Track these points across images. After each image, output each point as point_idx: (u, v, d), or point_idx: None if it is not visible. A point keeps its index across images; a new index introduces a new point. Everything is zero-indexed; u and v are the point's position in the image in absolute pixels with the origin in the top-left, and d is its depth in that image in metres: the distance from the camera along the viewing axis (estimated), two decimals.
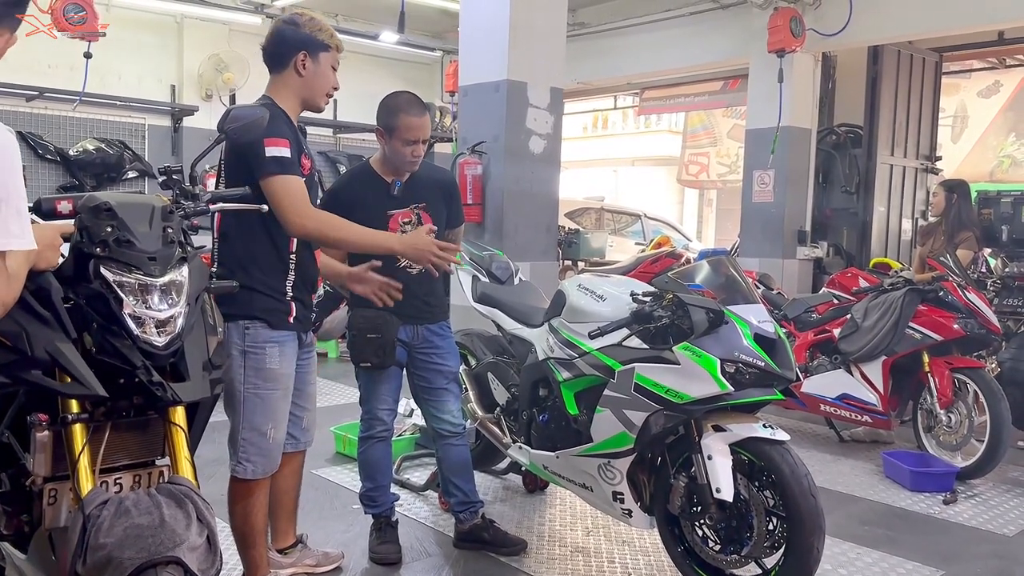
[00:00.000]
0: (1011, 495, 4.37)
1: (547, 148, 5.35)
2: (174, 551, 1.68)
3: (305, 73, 2.65)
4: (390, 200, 3.21)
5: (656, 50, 8.64)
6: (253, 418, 2.59)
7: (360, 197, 3.18)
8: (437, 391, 3.38)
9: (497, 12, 5.06)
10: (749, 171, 7.88)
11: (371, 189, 3.21)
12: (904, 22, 7.02)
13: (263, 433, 2.60)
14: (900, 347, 4.67)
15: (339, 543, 3.39)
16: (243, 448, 2.61)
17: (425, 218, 3.24)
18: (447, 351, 3.40)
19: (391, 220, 3.19)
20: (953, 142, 12.19)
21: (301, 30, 2.65)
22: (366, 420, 3.36)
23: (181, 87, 8.98)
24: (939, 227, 5.64)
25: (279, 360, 2.58)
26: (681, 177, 16.65)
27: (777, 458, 2.74)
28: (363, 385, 3.35)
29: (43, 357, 1.75)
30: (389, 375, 3.29)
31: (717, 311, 2.80)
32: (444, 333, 3.40)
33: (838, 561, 3.42)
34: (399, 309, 3.17)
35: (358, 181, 3.28)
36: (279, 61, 2.67)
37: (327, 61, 2.68)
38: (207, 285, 2.01)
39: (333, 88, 2.74)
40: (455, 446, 3.43)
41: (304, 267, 2.69)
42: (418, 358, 3.35)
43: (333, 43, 2.69)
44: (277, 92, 2.68)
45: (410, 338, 3.29)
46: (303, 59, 2.64)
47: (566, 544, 3.52)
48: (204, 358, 1.91)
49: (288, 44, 2.65)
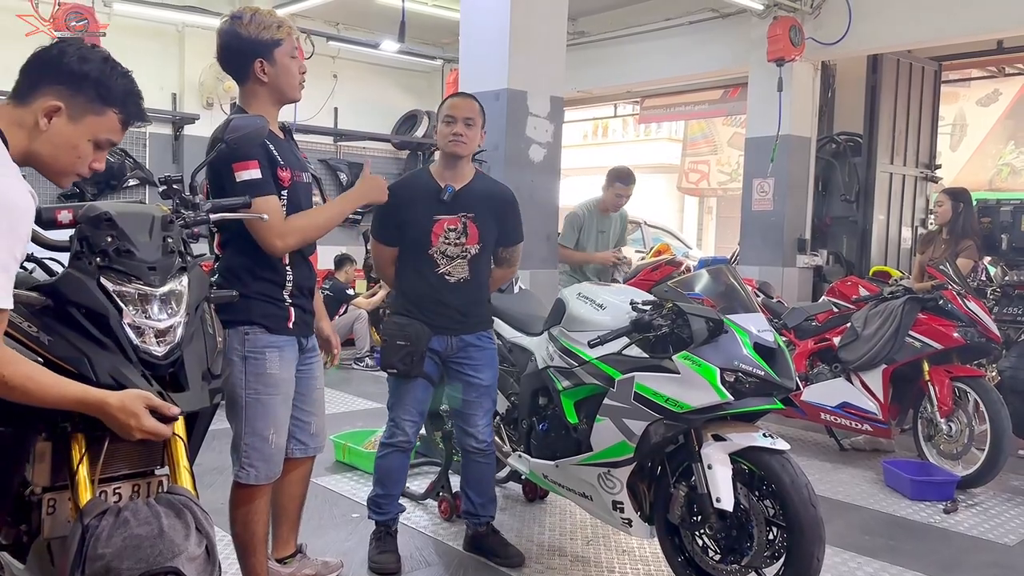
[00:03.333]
0: (1012, 504, 4.36)
1: (547, 157, 5.35)
2: (172, 561, 1.67)
3: (268, 78, 2.58)
4: (439, 205, 3.18)
5: (656, 59, 8.67)
6: (255, 423, 2.58)
7: (411, 197, 3.19)
8: (466, 403, 3.32)
9: (497, 21, 5.07)
10: (749, 179, 7.89)
11: (423, 191, 3.22)
12: (903, 31, 7.04)
13: (265, 438, 2.59)
14: (900, 356, 4.67)
15: (339, 552, 3.38)
16: (246, 453, 2.60)
17: (472, 228, 3.21)
18: (481, 363, 3.31)
19: (436, 224, 3.17)
20: (952, 150, 12.21)
21: (246, 36, 2.54)
22: (390, 428, 3.34)
23: (182, 95, 9.00)
24: (939, 235, 5.63)
25: (279, 365, 2.58)
26: (681, 185, 16.67)
27: (777, 467, 2.74)
28: (391, 392, 3.33)
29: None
30: (416, 386, 3.25)
31: (717, 320, 2.80)
32: (481, 344, 3.32)
33: (839, 571, 3.41)
34: (432, 320, 3.18)
35: (413, 182, 3.33)
36: (239, 74, 2.61)
37: (284, 55, 2.58)
38: (207, 295, 2.01)
39: (301, 75, 2.66)
40: (479, 463, 3.39)
41: (300, 274, 2.68)
42: (451, 368, 3.31)
43: (282, 33, 2.57)
44: (248, 102, 2.64)
45: (444, 348, 3.25)
46: (260, 66, 2.56)
47: (566, 554, 3.51)
48: (203, 368, 1.91)
49: (239, 55, 2.57)
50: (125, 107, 1.79)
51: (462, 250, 3.20)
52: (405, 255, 3.24)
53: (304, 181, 2.73)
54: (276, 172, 2.55)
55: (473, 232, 3.21)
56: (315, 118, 9.56)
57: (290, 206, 2.61)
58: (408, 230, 3.18)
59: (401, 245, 3.24)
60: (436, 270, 3.18)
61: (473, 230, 3.21)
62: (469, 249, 3.21)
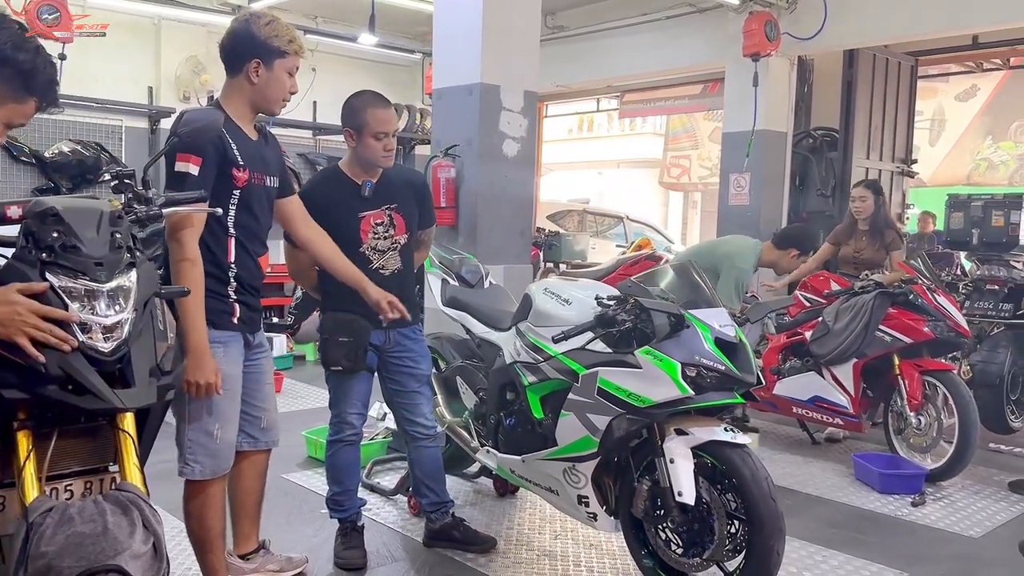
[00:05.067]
0: (979, 497, 4.40)
1: (521, 151, 5.34)
2: (115, 559, 1.66)
3: (258, 81, 2.60)
4: (361, 202, 3.20)
5: (634, 53, 8.67)
6: (199, 418, 2.57)
7: (331, 199, 3.18)
8: (410, 394, 3.39)
9: (470, 15, 5.05)
10: (725, 174, 7.91)
11: (342, 191, 3.21)
12: (878, 26, 7.07)
13: (210, 433, 2.58)
14: (870, 350, 4.69)
15: (306, 548, 3.37)
16: (190, 448, 2.59)
17: (397, 219, 3.25)
18: (419, 354, 3.40)
19: (363, 221, 3.18)
20: (931, 145, 12.30)
21: (257, 35, 2.58)
22: (335, 424, 3.36)
23: (158, 89, 8.94)
24: (857, 228, 5.65)
25: (223, 360, 2.56)
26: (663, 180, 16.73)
27: (738, 461, 2.75)
28: (333, 388, 3.35)
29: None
30: (359, 379, 3.28)
31: (678, 315, 2.81)
32: (416, 336, 3.41)
33: (804, 564, 3.43)
34: (371, 313, 3.17)
35: (328, 183, 3.27)
36: (232, 65, 2.63)
37: (282, 68, 2.62)
38: (157, 290, 2.00)
39: (290, 93, 2.69)
40: (427, 448, 3.44)
41: (246, 271, 2.66)
42: (390, 362, 3.34)
43: (291, 49, 2.61)
44: (228, 97, 2.65)
45: (382, 342, 3.29)
46: (256, 67, 2.59)
47: (533, 548, 3.52)
48: (152, 364, 1.90)
49: (241, 49, 2.59)
50: (45, 96, 1.84)
51: (392, 242, 3.24)
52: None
53: (267, 185, 2.71)
54: (231, 171, 2.53)
55: (400, 222, 3.24)
56: (294, 112, 9.50)
57: (242, 206, 2.60)
58: (334, 231, 3.11)
59: None
60: (370, 266, 3.18)
61: (399, 220, 3.24)
62: (398, 240, 3.25)
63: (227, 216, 2.60)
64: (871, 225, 5.55)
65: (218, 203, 2.53)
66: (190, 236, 2.43)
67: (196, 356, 2.42)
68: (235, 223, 2.62)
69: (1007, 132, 11.63)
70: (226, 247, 2.61)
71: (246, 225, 2.66)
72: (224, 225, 2.60)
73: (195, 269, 2.44)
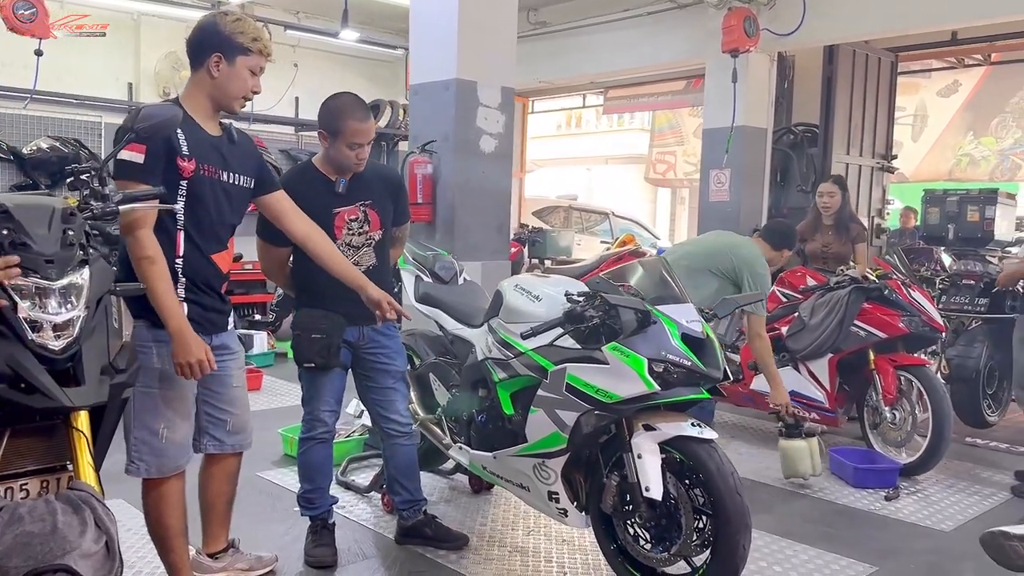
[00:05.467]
0: (953, 491, 4.42)
1: (499, 147, 5.33)
2: (63, 559, 1.65)
3: (218, 76, 2.58)
4: (336, 198, 3.19)
5: (616, 49, 8.68)
6: (143, 417, 2.55)
7: (305, 195, 3.13)
8: (385, 391, 3.37)
9: (446, 10, 5.04)
10: (706, 170, 7.93)
11: (316, 187, 3.19)
12: (857, 22, 7.09)
13: (154, 432, 2.56)
14: (846, 345, 4.71)
15: (277, 546, 3.36)
16: (135, 447, 2.57)
17: (372, 215, 3.23)
18: (394, 351, 3.39)
19: (337, 218, 3.16)
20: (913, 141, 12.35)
21: (221, 30, 2.56)
22: (308, 421, 3.34)
23: (138, 85, 8.90)
24: (821, 223, 5.71)
25: (165, 360, 2.51)
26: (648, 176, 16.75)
27: (704, 456, 2.75)
28: (305, 386, 3.33)
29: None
30: (332, 376, 3.27)
31: (644, 311, 2.81)
32: (390, 333, 3.39)
33: (775, 558, 3.44)
34: (345, 309, 3.16)
35: (302, 179, 3.24)
36: (195, 59, 2.61)
37: (244, 65, 2.59)
38: (111, 288, 1.98)
39: (252, 92, 2.66)
40: (403, 446, 3.42)
41: (195, 269, 2.61)
42: (365, 358, 3.33)
43: (255, 47, 2.60)
44: (188, 91, 2.63)
45: (356, 339, 3.27)
46: (217, 61, 2.56)
47: (505, 544, 3.51)
48: (104, 362, 1.89)
49: (205, 43, 2.58)
50: None
51: (367, 238, 3.23)
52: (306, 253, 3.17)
53: (226, 180, 2.66)
54: (176, 161, 2.49)
55: (374, 218, 3.23)
56: (275, 108, 9.49)
57: (191, 198, 2.56)
58: None
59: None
60: None
61: (374, 216, 3.23)
62: (373, 236, 3.24)
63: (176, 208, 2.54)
64: (836, 220, 5.61)
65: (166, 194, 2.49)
66: (146, 232, 2.41)
67: (178, 339, 2.43)
68: (184, 217, 2.57)
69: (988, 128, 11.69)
70: (174, 242, 2.56)
71: (197, 219, 2.60)
72: (174, 218, 2.55)
73: (157, 264, 2.42)
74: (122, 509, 3.69)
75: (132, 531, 3.46)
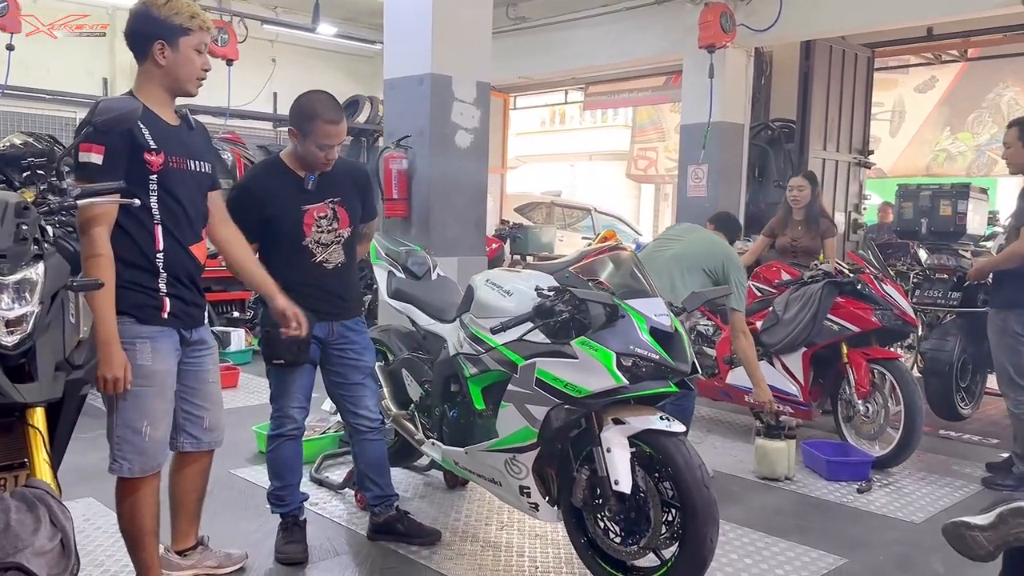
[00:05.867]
0: (924, 483, 4.46)
1: (474, 142, 5.33)
2: (15, 556, 1.63)
3: (165, 63, 2.54)
4: (304, 194, 3.16)
5: (595, 45, 8.68)
6: (127, 415, 2.52)
7: (272, 191, 3.13)
8: (353, 387, 3.35)
9: (420, 5, 5.02)
10: (684, 166, 7.95)
11: (284, 184, 3.16)
12: (834, 17, 7.13)
13: (138, 431, 2.54)
14: (819, 339, 4.73)
15: (249, 543, 3.34)
16: (118, 446, 2.55)
17: (341, 212, 3.21)
18: (363, 346, 3.37)
19: (307, 215, 3.14)
20: (891, 136, 12.42)
21: (156, 15, 2.51)
22: (277, 418, 3.32)
23: (113, 80, 8.82)
24: (792, 217, 5.75)
25: (151, 356, 2.51)
26: (630, 172, 16.75)
27: (672, 449, 2.76)
28: (274, 383, 3.31)
29: None
30: (302, 372, 3.25)
31: (613, 306, 2.81)
32: (359, 329, 3.38)
33: (746, 551, 3.46)
34: (315, 305, 3.15)
35: (270, 175, 3.22)
36: (139, 51, 2.56)
37: (189, 45, 2.55)
38: (68, 283, 1.96)
39: (203, 71, 2.62)
40: (372, 441, 3.41)
41: (177, 263, 2.60)
42: (333, 354, 3.31)
43: (194, 24, 2.55)
44: (140, 85, 2.58)
45: (325, 335, 3.26)
46: (161, 48, 2.52)
47: (478, 539, 3.51)
48: (59, 358, 1.86)
49: (143, 33, 2.53)
50: None
51: (336, 235, 3.20)
52: (274, 249, 3.15)
53: (192, 169, 2.64)
54: (142, 156, 2.47)
55: (343, 215, 3.21)
56: (253, 103, 9.44)
57: (163, 191, 2.54)
58: (276, 224, 3.10)
59: (266, 240, 3.15)
60: (314, 259, 3.16)
61: (343, 214, 3.21)
62: (342, 233, 3.22)
63: (149, 202, 2.52)
64: (806, 215, 5.65)
65: (137, 191, 2.46)
66: (100, 231, 2.38)
67: (103, 349, 2.36)
68: (159, 209, 2.55)
69: (965, 123, 11.77)
70: (153, 235, 2.54)
71: (172, 211, 2.58)
72: (149, 212, 2.53)
73: (106, 265, 2.39)
74: (92, 507, 3.67)
75: (101, 529, 3.43)
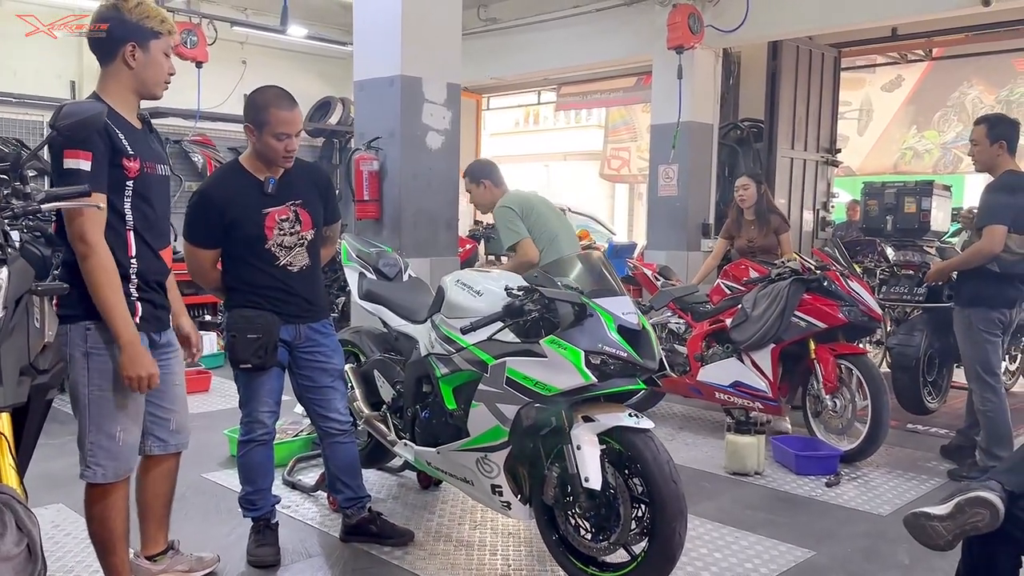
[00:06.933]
0: (891, 476, 4.53)
1: (445, 143, 5.34)
2: None
3: (135, 65, 2.54)
4: (265, 198, 3.14)
5: (566, 46, 8.72)
6: (100, 421, 2.52)
7: (232, 196, 3.11)
8: (322, 389, 3.34)
9: (389, 6, 5.03)
10: (654, 165, 8.01)
11: (244, 188, 3.13)
12: (800, 18, 7.21)
13: (111, 436, 2.53)
14: (787, 335, 4.79)
15: (220, 547, 3.34)
16: (91, 452, 2.53)
17: (303, 215, 3.19)
18: (331, 349, 3.36)
19: (268, 218, 3.12)
20: (859, 135, 12.57)
21: (128, 18, 2.51)
22: (246, 424, 3.29)
23: (81, 83, 8.71)
24: (744, 218, 5.85)
25: (116, 362, 2.51)
26: (603, 172, 16.80)
27: (640, 445, 2.79)
28: (243, 388, 3.28)
29: None
30: (270, 376, 3.23)
31: (581, 304, 2.84)
32: (327, 331, 3.37)
33: (715, 545, 3.50)
34: (281, 308, 3.15)
35: (229, 180, 3.19)
36: (106, 53, 2.56)
37: (158, 49, 2.56)
38: (31, 287, 1.95)
39: (169, 74, 2.63)
40: (342, 444, 3.40)
41: (147, 267, 2.60)
42: (302, 357, 3.30)
43: (164, 29, 2.57)
44: (106, 87, 2.58)
45: (292, 338, 3.24)
46: (132, 51, 2.52)
47: (451, 539, 3.53)
48: (24, 363, 1.86)
49: (114, 35, 2.52)
50: None
51: (299, 238, 3.19)
52: (237, 254, 3.15)
53: (160, 174, 2.66)
54: (121, 162, 2.47)
55: (305, 218, 3.19)
56: (224, 105, 9.36)
57: (137, 197, 2.54)
58: (237, 229, 3.09)
59: (228, 245, 3.15)
60: (277, 263, 3.14)
61: (305, 216, 3.19)
62: (305, 236, 3.20)
63: (124, 208, 2.53)
64: (756, 214, 5.76)
65: (113, 196, 2.47)
66: (94, 233, 2.39)
67: (129, 352, 2.42)
68: (133, 215, 2.56)
69: (931, 121, 11.94)
70: (126, 241, 2.55)
71: (145, 217, 2.59)
72: (123, 218, 2.54)
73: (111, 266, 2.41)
74: (62, 513, 3.64)
75: (71, 535, 3.41)
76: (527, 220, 4.28)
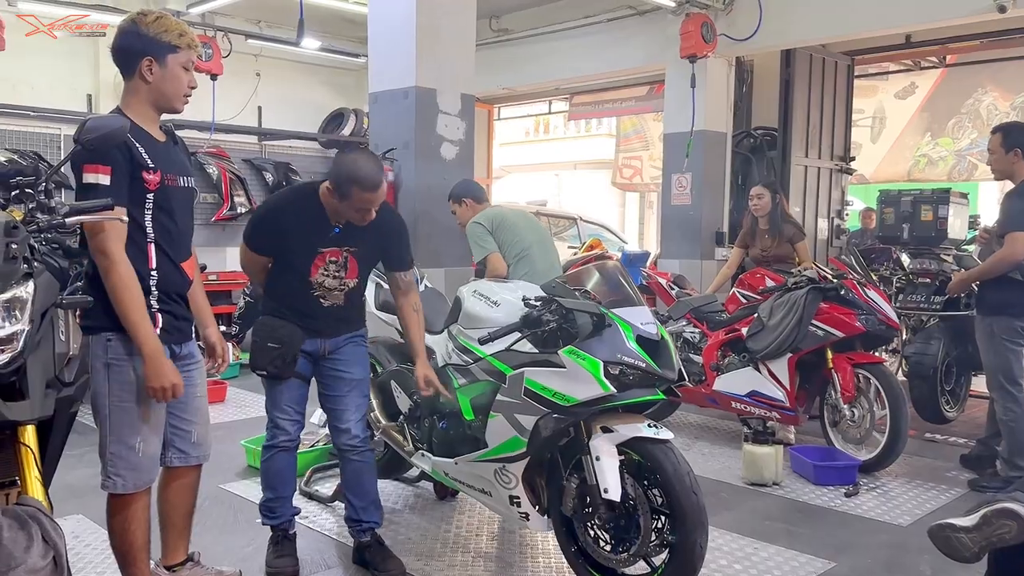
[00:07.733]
0: (911, 486, 4.50)
1: (460, 154, 5.36)
2: (8, 574, 1.63)
3: (152, 79, 2.55)
4: (326, 239, 3.12)
5: (578, 56, 8.74)
6: (120, 431, 2.53)
7: (298, 225, 3.09)
8: (336, 398, 3.30)
9: (404, 18, 5.06)
10: (668, 174, 8.01)
11: (312, 221, 3.10)
12: (813, 26, 7.21)
13: (131, 447, 2.54)
14: (804, 344, 4.77)
15: (239, 558, 3.34)
16: (111, 462, 2.55)
17: (352, 263, 3.17)
18: (352, 359, 3.31)
19: (319, 257, 3.11)
20: (872, 142, 12.53)
21: (145, 33, 2.52)
22: (270, 429, 3.31)
23: (97, 96, 8.78)
24: (758, 227, 5.82)
25: (137, 374, 2.52)
26: (615, 180, 16.81)
27: (660, 456, 2.78)
28: (267, 393, 3.30)
29: None
30: (291, 385, 3.24)
31: (600, 315, 2.84)
32: (354, 341, 3.33)
33: (735, 556, 3.48)
34: (308, 325, 3.16)
35: (302, 207, 3.13)
36: (126, 67, 2.57)
37: (176, 63, 2.56)
38: (57, 301, 1.97)
39: (189, 88, 2.64)
40: (352, 462, 3.33)
41: (168, 279, 2.62)
42: (323, 365, 3.30)
43: (183, 43, 2.57)
44: (127, 101, 2.59)
45: (316, 350, 3.24)
46: (148, 65, 2.53)
47: (469, 550, 3.52)
48: (49, 375, 1.87)
49: (132, 50, 2.54)
50: None
51: (340, 283, 3.17)
52: (282, 269, 3.16)
53: (182, 186, 2.66)
54: (141, 175, 2.49)
55: (353, 267, 3.17)
56: (238, 117, 9.42)
57: (157, 210, 2.56)
58: (289, 255, 3.11)
59: (278, 258, 3.17)
60: (312, 292, 3.14)
61: (353, 264, 3.17)
62: (347, 283, 3.19)
63: (144, 221, 2.55)
64: (770, 223, 5.73)
65: (133, 209, 2.49)
66: (115, 246, 2.40)
67: (152, 363, 2.43)
68: (153, 228, 2.57)
69: (945, 129, 11.90)
70: (146, 254, 2.56)
71: (165, 229, 2.61)
72: (143, 231, 2.55)
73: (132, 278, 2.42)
74: (82, 524, 3.65)
75: (91, 546, 3.42)
76: (497, 235, 4.30)
